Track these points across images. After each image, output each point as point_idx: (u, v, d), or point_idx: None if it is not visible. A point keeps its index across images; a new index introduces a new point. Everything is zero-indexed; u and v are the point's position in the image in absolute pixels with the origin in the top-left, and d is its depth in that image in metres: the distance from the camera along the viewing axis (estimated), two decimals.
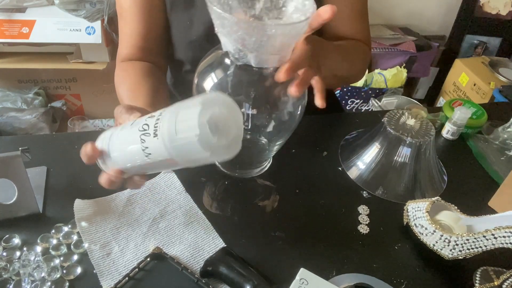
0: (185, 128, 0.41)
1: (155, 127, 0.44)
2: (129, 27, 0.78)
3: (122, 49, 0.81)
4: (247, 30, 0.47)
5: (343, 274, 0.57)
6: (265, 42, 0.49)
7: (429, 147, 0.71)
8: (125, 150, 0.49)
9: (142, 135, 0.45)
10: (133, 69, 0.77)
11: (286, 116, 0.60)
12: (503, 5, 2.13)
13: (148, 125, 0.45)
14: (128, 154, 0.48)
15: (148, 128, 0.45)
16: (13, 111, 1.62)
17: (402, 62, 2.06)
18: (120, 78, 0.78)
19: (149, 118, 0.46)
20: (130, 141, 0.47)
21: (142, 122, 0.46)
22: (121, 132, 0.49)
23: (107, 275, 0.54)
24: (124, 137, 0.49)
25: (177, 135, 0.42)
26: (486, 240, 0.55)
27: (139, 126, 0.46)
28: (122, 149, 0.49)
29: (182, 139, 0.42)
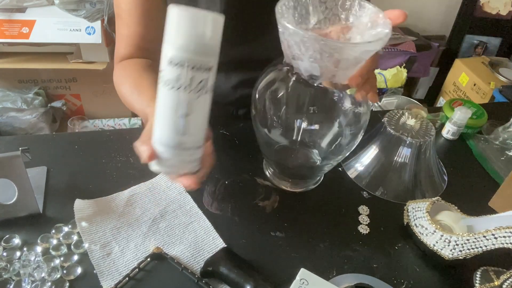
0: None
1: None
2: (127, 28, 0.78)
3: (120, 49, 0.80)
4: (325, 48, 0.48)
5: (343, 274, 0.57)
6: (345, 60, 0.49)
7: (429, 147, 0.71)
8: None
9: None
10: (133, 65, 0.76)
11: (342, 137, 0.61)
12: (503, 5, 2.13)
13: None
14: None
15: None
16: (13, 111, 1.62)
17: (402, 62, 2.06)
18: (120, 78, 0.78)
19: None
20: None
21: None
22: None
23: (107, 275, 0.54)
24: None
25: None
26: (486, 240, 0.55)
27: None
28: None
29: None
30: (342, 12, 0.56)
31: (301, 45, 0.49)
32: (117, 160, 0.71)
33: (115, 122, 1.83)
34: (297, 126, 0.61)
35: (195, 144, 0.51)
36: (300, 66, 0.53)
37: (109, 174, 0.68)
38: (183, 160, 0.50)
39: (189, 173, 0.52)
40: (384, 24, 0.52)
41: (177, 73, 0.46)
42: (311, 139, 0.64)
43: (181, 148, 0.49)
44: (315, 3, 0.56)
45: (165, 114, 0.48)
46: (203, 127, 0.51)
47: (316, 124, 0.61)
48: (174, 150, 0.49)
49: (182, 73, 0.46)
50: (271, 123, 0.61)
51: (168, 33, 0.47)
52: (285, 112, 0.60)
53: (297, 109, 0.61)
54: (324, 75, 0.52)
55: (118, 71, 0.79)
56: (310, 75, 0.53)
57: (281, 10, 0.52)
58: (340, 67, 0.51)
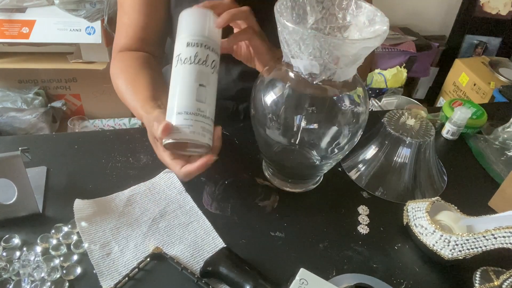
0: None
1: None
2: (128, 17, 0.78)
3: (120, 39, 0.80)
4: (324, 45, 0.49)
5: (343, 274, 0.57)
6: (344, 57, 0.51)
7: (429, 147, 0.71)
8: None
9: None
10: (131, 60, 0.77)
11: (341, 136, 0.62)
12: (503, 5, 2.13)
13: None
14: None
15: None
16: (13, 111, 1.62)
17: (402, 62, 2.06)
18: (117, 70, 0.78)
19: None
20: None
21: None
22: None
23: (107, 275, 0.54)
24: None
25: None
26: (486, 240, 0.55)
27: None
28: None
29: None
30: (339, 12, 0.57)
31: (301, 43, 0.50)
32: (117, 160, 0.71)
33: (115, 122, 1.83)
34: (296, 125, 0.61)
35: (210, 114, 0.57)
36: (299, 65, 0.53)
37: (109, 174, 0.68)
38: (203, 127, 0.56)
39: (206, 144, 0.56)
40: (381, 22, 0.53)
41: (195, 51, 0.56)
42: (310, 139, 0.64)
43: (201, 115, 0.55)
44: (312, 3, 0.56)
45: (186, 85, 0.55)
46: (214, 102, 0.58)
47: (315, 124, 0.61)
48: (195, 116, 0.55)
49: (199, 51, 0.56)
50: (270, 123, 0.61)
51: (183, 27, 0.58)
52: (284, 112, 0.60)
53: (296, 108, 0.61)
54: (324, 73, 0.52)
55: (116, 62, 0.79)
56: (310, 73, 0.53)
57: (280, 10, 0.52)
58: (340, 64, 0.51)
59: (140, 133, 0.78)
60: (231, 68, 0.82)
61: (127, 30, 0.79)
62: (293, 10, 0.56)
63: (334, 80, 0.54)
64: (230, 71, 0.82)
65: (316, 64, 0.51)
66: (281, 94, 0.59)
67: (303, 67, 0.53)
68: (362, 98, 0.59)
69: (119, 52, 0.80)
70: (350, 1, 0.56)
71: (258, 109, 0.62)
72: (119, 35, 0.80)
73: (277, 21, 0.51)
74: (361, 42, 0.49)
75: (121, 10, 0.79)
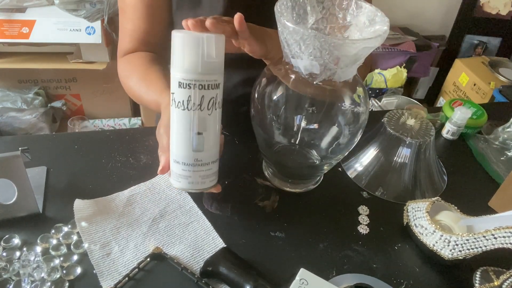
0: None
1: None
2: (132, 23, 0.77)
3: (124, 44, 0.80)
4: (324, 45, 0.48)
5: (343, 274, 0.57)
6: (344, 57, 0.50)
7: (429, 147, 0.71)
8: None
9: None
10: (139, 59, 0.76)
11: (341, 136, 0.61)
12: (503, 5, 2.13)
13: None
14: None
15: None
16: (13, 111, 1.62)
17: (402, 62, 2.06)
18: (126, 72, 0.77)
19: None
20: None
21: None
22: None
23: (107, 275, 0.54)
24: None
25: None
26: (486, 240, 0.55)
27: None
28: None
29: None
30: (340, 12, 0.57)
31: (301, 43, 0.50)
32: (117, 160, 0.71)
33: (115, 122, 1.83)
34: (296, 125, 0.61)
35: (211, 159, 0.54)
36: (299, 65, 0.53)
37: (109, 174, 0.68)
38: (202, 175, 0.53)
39: (209, 188, 0.55)
40: (382, 22, 0.53)
41: (187, 94, 0.49)
42: (310, 139, 0.64)
43: (198, 165, 0.53)
44: (312, 3, 0.56)
45: (180, 134, 0.51)
46: (217, 141, 0.54)
47: (315, 124, 0.61)
48: (192, 167, 0.52)
49: (192, 94, 0.49)
50: (270, 123, 0.61)
51: (174, 57, 0.50)
52: (284, 112, 0.60)
53: (296, 108, 0.61)
54: (324, 73, 0.52)
55: (123, 65, 0.79)
56: (310, 73, 0.53)
57: (280, 10, 0.52)
58: (340, 64, 0.51)
59: (140, 133, 0.78)
60: (232, 74, 0.82)
61: (131, 34, 0.78)
62: (294, 10, 0.56)
63: (334, 80, 0.54)
64: (231, 77, 0.82)
65: (317, 64, 0.51)
66: (281, 94, 0.59)
67: (303, 67, 0.53)
68: (362, 98, 0.59)
69: (124, 55, 0.80)
70: (351, 1, 0.56)
71: (258, 109, 0.62)
72: (123, 40, 0.80)
73: (278, 21, 0.51)
74: (362, 42, 0.49)
75: (123, 16, 0.78)
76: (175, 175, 0.54)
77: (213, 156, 0.54)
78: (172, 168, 0.54)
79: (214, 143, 0.53)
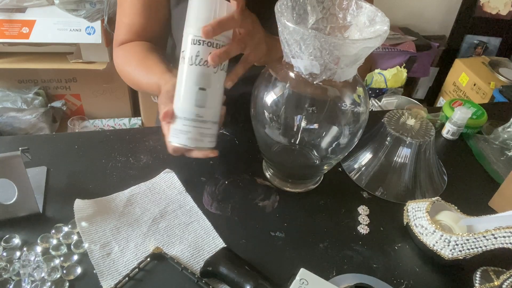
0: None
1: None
2: (128, 18, 0.77)
3: (121, 36, 0.79)
4: (325, 45, 0.49)
5: (343, 274, 0.57)
6: (344, 57, 0.50)
7: (429, 147, 0.71)
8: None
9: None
10: (136, 47, 0.76)
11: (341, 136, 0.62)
12: (503, 5, 2.13)
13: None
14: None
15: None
16: (13, 111, 1.62)
17: (402, 62, 2.06)
18: (123, 59, 0.77)
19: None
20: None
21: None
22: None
23: (107, 275, 0.54)
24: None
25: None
26: (486, 240, 0.55)
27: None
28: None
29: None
30: (340, 12, 0.57)
31: (301, 43, 0.50)
32: (117, 160, 0.71)
33: (115, 122, 1.83)
34: (296, 125, 0.61)
35: (211, 118, 0.56)
36: (300, 65, 0.53)
37: (109, 174, 0.68)
38: (201, 133, 0.56)
39: (206, 148, 0.57)
40: (382, 22, 0.53)
41: (197, 50, 0.53)
42: (311, 139, 0.64)
43: (199, 121, 0.55)
44: (312, 3, 0.56)
45: (186, 88, 0.54)
46: (219, 103, 0.57)
47: (315, 124, 0.61)
48: (193, 122, 0.55)
49: (201, 49, 0.53)
50: (271, 123, 0.61)
51: (189, 17, 0.54)
52: (284, 112, 0.60)
53: (296, 108, 0.61)
54: (324, 73, 0.52)
55: (120, 52, 0.78)
56: (310, 73, 0.53)
57: (281, 9, 0.52)
58: (340, 64, 0.51)
59: (140, 133, 0.78)
60: None
61: (127, 28, 0.78)
62: (294, 10, 0.56)
63: (335, 80, 0.54)
64: None
65: (317, 64, 0.51)
66: (281, 94, 0.59)
67: (304, 67, 0.53)
68: (362, 98, 0.59)
69: (120, 45, 0.80)
70: (351, 1, 0.56)
71: (258, 109, 0.62)
72: (119, 32, 0.79)
73: (278, 21, 0.51)
74: (362, 42, 0.49)
75: (121, 10, 0.78)
76: (175, 131, 0.56)
77: (213, 116, 0.56)
78: (173, 124, 0.56)
79: (216, 103, 0.56)
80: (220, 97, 0.57)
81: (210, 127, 0.56)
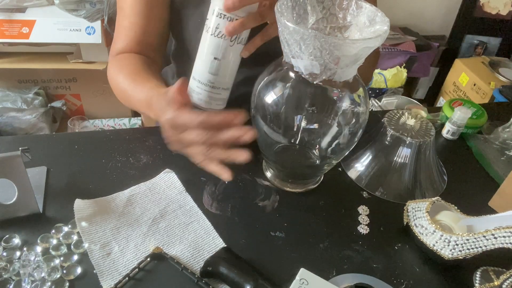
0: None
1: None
2: (129, 20, 0.77)
3: (119, 43, 0.79)
4: (325, 45, 0.49)
5: (343, 274, 0.57)
6: (344, 57, 0.51)
7: (429, 147, 0.71)
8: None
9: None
10: (130, 59, 0.75)
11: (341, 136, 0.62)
12: (503, 5, 2.13)
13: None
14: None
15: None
16: (13, 111, 1.62)
17: (402, 62, 2.06)
18: (116, 68, 0.75)
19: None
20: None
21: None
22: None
23: (107, 275, 0.54)
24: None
25: None
26: (486, 240, 0.55)
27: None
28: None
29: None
30: (340, 12, 0.57)
31: (301, 43, 0.50)
32: (117, 160, 0.71)
33: (115, 122, 1.83)
34: (296, 125, 0.61)
35: (222, 85, 0.59)
36: (300, 65, 0.53)
37: (109, 174, 0.68)
38: (211, 97, 0.59)
39: (213, 110, 0.60)
40: (382, 22, 0.53)
41: (217, 22, 0.55)
42: (311, 139, 0.64)
43: (211, 86, 0.58)
44: (312, 2, 0.56)
45: (203, 55, 0.58)
46: (233, 73, 0.60)
47: (315, 124, 0.61)
48: (205, 86, 0.58)
49: (221, 23, 0.55)
50: (271, 122, 0.61)
51: None
52: (284, 112, 0.60)
53: (297, 108, 0.61)
54: (324, 73, 0.52)
55: (114, 63, 0.78)
56: (310, 73, 0.53)
57: (280, 9, 0.52)
58: (340, 64, 0.51)
59: (140, 133, 0.78)
60: None
61: (127, 33, 0.78)
62: (294, 10, 0.56)
63: (335, 80, 0.54)
64: None
65: (317, 64, 0.51)
66: (281, 94, 0.59)
67: (304, 67, 0.53)
68: (362, 98, 0.59)
69: (116, 55, 0.79)
70: (351, 1, 0.56)
71: (258, 109, 0.62)
72: (118, 39, 0.79)
73: (278, 21, 0.51)
74: (362, 42, 0.49)
75: (121, 13, 0.78)
76: (190, 89, 0.60)
77: (225, 84, 0.59)
78: (190, 83, 0.60)
79: (229, 73, 0.59)
80: (234, 68, 0.60)
81: (220, 92, 0.60)
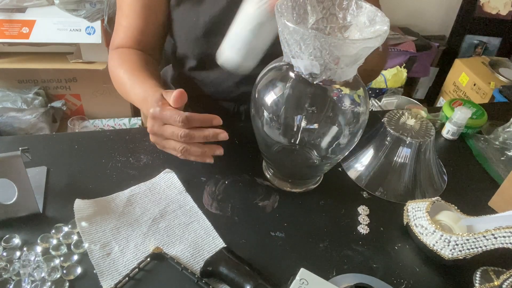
0: None
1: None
2: (127, 20, 0.77)
3: (118, 39, 0.80)
4: (325, 45, 0.49)
5: (343, 274, 0.57)
6: (344, 57, 0.51)
7: (429, 147, 0.71)
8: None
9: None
10: (131, 55, 0.76)
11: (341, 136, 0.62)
12: (503, 5, 2.13)
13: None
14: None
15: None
16: (13, 111, 1.62)
17: (402, 62, 2.06)
18: (117, 62, 0.77)
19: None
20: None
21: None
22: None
23: (107, 275, 0.54)
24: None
25: None
26: (486, 240, 0.55)
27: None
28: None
29: None
30: (340, 12, 0.57)
31: (301, 43, 0.50)
32: (117, 160, 0.71)
33: (115, 122, 1.83)
34: (296, 125, 0.61)
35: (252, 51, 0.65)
36: (300, 65, 0.53)
37: (109, 174, 0.68)
38: (247, 52, 0.65)
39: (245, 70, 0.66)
40: (382, 22, 0.53)
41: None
42: (311, 139, 0.64)
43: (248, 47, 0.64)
44: (312, 3, 0.56)
45: (241, 21, 0.63)
46: (265, 45, 0.65)
47: (315, 124, 0.61)
48: (243, 43, 0.64)
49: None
50: (271, 123, 0.61)
51: None
52: (284, 112, 0.60)
53: (297, 108, 0.61)
54: (324, 73, 0.52)
55: (114, 56, 0.79)
56: (310, 73, 0.53)
57: (280, 9, 0.52)
58: (340, 64, 0.51)
59: (140, 133, 0.78)
60: (233, 73, 0.82)
61: (125, 31, 0.78)
62: (294, 10, 0.56)
63: (335, 80, 0.54)
64: (232, 76, 0.82)
65: (317, 64, 0.51)
66: (281, 94, 0.59)
67: (304, 67, 0.53)
68: (362, 98, 0.60)
69: (116, 48, 0.80)
70: (351, 1, 0.56)
71: (258, 109, 0.62)
72: (116, 35, 0.80)
73: (278, 21, 0.51)
74: (362, 42, 0.49)
75: (120, 12, 0.79)
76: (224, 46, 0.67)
77: (253, 52, 0.65)
78: (224, 40, 0.66)
79: (262, 44, 0.64)
80: (266, 42, 0.64)
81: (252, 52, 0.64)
